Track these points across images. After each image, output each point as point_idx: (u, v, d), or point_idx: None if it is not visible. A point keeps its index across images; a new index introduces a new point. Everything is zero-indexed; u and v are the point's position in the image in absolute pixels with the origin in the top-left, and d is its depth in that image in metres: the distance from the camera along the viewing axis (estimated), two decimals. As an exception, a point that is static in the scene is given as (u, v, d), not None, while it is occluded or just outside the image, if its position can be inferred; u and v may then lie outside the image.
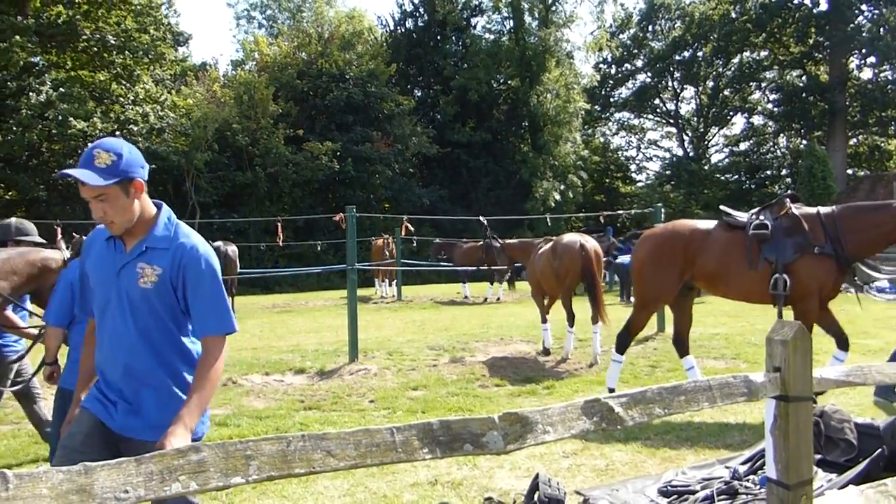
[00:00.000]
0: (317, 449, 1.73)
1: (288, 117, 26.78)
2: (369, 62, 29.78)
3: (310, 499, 4.26)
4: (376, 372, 8.00)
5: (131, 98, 24.86)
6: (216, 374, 2.40)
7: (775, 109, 39.75)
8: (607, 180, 41.88)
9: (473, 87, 31.60)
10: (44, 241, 4.94)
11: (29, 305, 4.67)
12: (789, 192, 6.21)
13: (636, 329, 6.24)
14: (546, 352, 9.09)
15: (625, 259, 15.64)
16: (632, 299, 15.23)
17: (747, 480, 3.49)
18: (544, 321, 9.31)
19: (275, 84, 27.19)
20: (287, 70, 28.46)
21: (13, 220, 5.08)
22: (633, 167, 44.98)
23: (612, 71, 42.57)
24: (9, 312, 4.40)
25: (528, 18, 33.61)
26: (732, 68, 40.09)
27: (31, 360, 4.83)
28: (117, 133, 23.76)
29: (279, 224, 15.41)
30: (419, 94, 35.34)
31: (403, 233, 17.61)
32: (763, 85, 40.41)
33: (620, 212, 20.11)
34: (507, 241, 11.30)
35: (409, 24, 35.16)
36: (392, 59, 31.65)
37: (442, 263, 19.05)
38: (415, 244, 20.40)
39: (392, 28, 35.70)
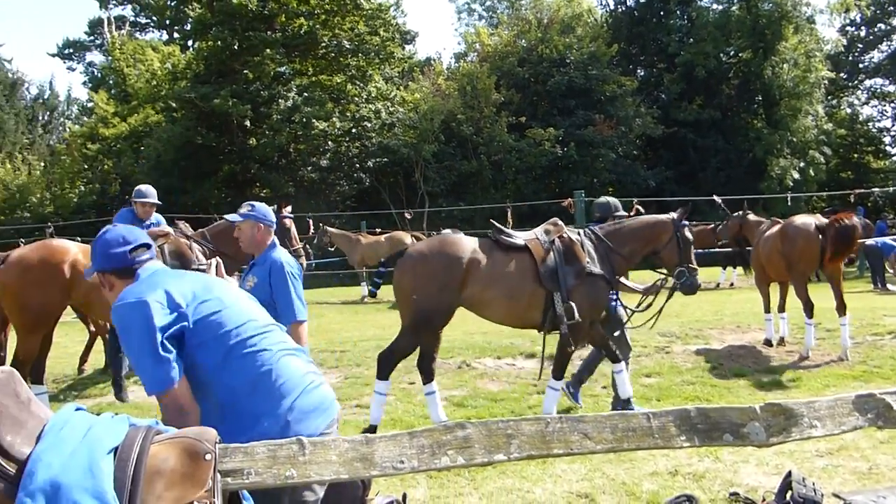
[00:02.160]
0: (574, 431, 1.80)
1: (510, 105, 27.74)
2: (589, 44, 29.84)
3: (548, 480, 4.37)
4: (607, 358, 8.23)
5: (364, 97, 27.26)
6: None
7: None
8: (855, 155, 38.03)
9: (700, 62, 30.38)
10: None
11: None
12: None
13: None
14: (768, 343, 8.54)
15: (880, 241, 14.30)
16: (889, 286, 14.02)
17: None
18: (767, 311, 8.74)
19: (496, 73, 28.26)
20: (508, 58, 29.44)
21: (610, 198, 6.31)
22: (886, 139, 40.40)
23: (862, 33, 38.48)
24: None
25: (761, -16, 31.63)
26: None
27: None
28: (353, 130, 26.27)
29: (508, 210, 16.26)
30: (642, 73, 34.64)
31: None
32: None
33: (874, 189, 18.43)
34: (748, 217, 10.68)
35: (630, 1, 34.68)
36: (613, 39, 31.37)
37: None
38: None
39: (612, 8, 35.36)
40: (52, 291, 6.15)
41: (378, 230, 17.67)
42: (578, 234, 5.69)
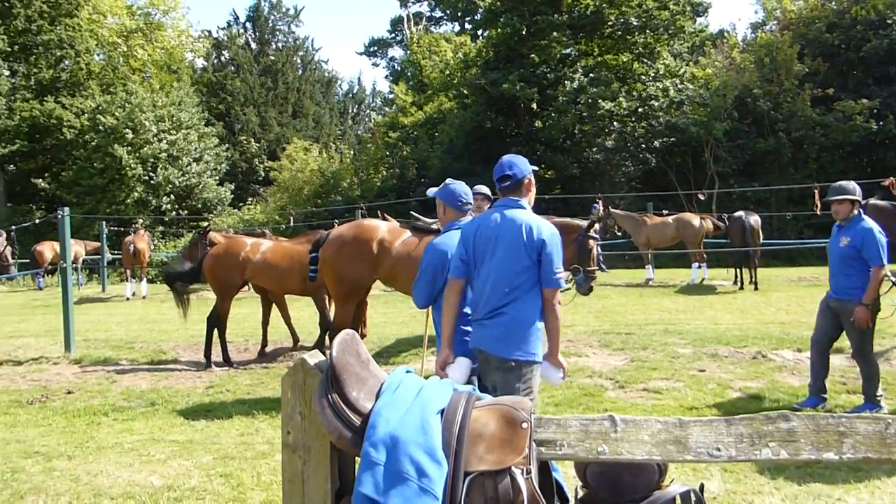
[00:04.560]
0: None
1: (815, 76, 25.90)
2: (919, -1, 26.78)
3: (863, 490, 4.27)
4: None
5: (652, 75, 27.23)
6: None
7: None
8: None
9: None
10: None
11: None
12: None
13: None
14: None
15: None
16: None
17: None
18: None
19: (799, 42, 26.55)
20: (814, 24, 27.47)
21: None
22: None
23: None
24: None
25: None
26: None
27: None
28: (639, 109, 26.46)
29: (816, 191, 15.59)
30: None
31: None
32: None
33: None
34: None
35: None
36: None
37: None
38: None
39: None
40: (363, 265, 7.05)
41: (665, 212, 17.81)
42: None
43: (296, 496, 1.93)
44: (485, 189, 7.39)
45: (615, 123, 26.94)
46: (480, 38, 33.67)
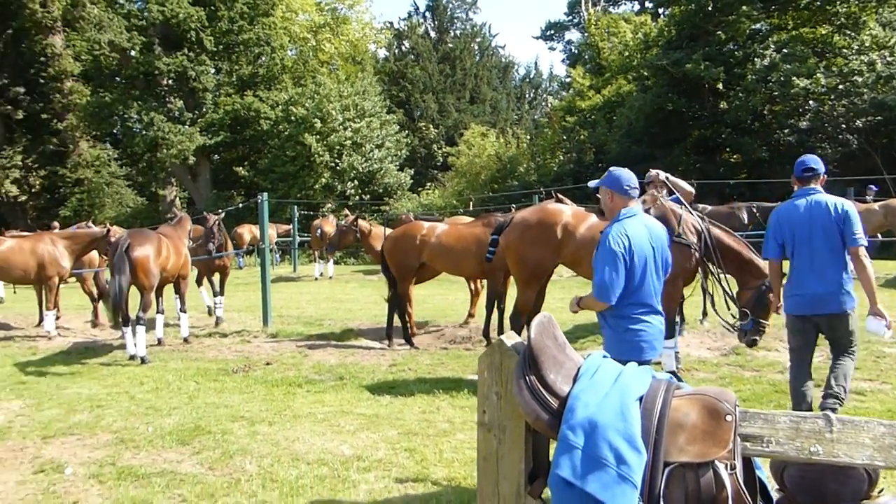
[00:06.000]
0: None
1: None
2: None
3: None
4: None
5: (855, 48, 24.93)
6: None
7: None
8: None
9: None
10: None
11: None
12: None
13: None
14: None
15: None
16: None
17: None
18: None
19: None
20: None
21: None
22: None
23: None
24: None
25: None
26: None
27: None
28: (840, 86, 24.37)
29: None
30: None
31: None
32: None
33: None
34: None
35: None
36: None
37: None
38: None
39: None
40: (546, 249, 7.00)
41: (868, 198, 16.43)
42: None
43: (490, 473, 1.98)
44: (662, 175, 7.10)
45: (811, 102, 24.95)
46: (661, 16, 32.43)
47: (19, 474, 4.91)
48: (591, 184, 4.33)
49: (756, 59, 24.81)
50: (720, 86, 25.07)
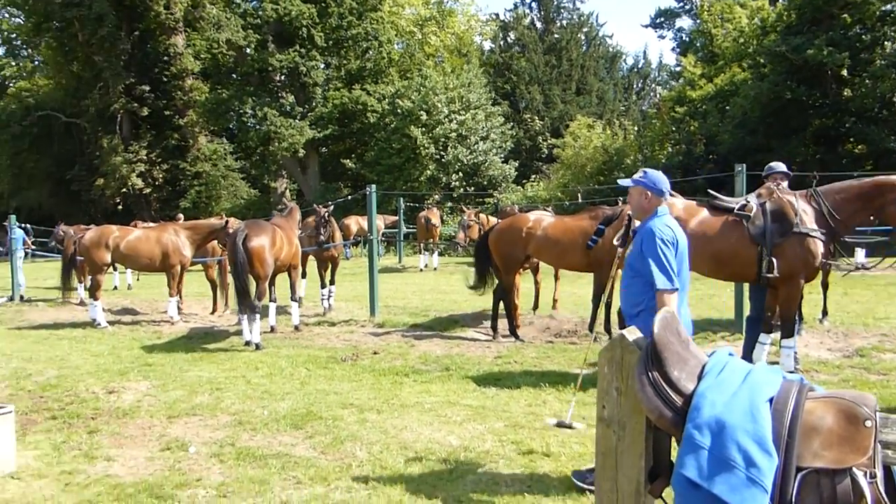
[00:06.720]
0: None
1: None
2: None
3: None
4: None
5: None
6: None
7: None
8: None
9: None
10: None
11: None
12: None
13: None
14: None
15: None
16: None
17: None
18: None
19: None
20: None
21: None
22: None
23: None
24: None
25: None
26: None
27: None
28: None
29: None
30: None
31: None
32: None
33: None
34: None
35: None
36: None
37: None
38: None
39: None
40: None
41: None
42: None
43: (609, 469, 1.95)
44: (781, 166, 6.96)
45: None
46: (780, 1, 30.92)
47: (148, 451, 5.22)
48: (625, 182, 4.43)
49: (886, 43, 23.32)
50: (844, 72, 23.64)
